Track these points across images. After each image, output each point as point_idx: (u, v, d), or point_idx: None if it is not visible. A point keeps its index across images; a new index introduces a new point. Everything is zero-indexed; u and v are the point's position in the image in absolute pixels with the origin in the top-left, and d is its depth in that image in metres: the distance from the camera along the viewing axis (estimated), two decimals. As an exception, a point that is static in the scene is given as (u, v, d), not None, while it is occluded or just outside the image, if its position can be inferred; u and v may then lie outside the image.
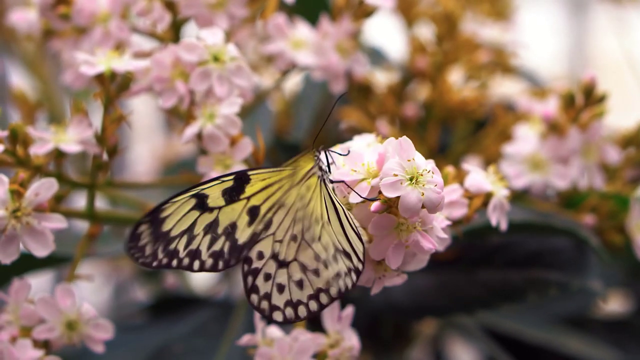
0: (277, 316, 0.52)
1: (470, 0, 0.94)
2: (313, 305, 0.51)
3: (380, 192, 0.49)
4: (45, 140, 0.59)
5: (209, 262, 0.53)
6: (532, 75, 0.97)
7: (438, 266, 0.69)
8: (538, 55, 0.98)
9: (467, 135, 0.86)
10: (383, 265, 0.51)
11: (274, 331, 0.56)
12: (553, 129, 0.69)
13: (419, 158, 0.49)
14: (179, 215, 0.53)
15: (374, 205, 0.49)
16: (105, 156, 0.61)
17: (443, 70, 0.81)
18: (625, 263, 0.84)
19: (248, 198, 0.53)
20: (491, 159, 0.79)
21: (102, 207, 0.70)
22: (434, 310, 0.70)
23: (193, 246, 0.52)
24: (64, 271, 0.90)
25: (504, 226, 0.57)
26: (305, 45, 0.68)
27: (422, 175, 0.48)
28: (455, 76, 0.84)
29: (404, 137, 0.49)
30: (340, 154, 0.53)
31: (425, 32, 0.86)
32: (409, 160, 0.48)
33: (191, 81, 0.59)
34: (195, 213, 0.53)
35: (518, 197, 0.71)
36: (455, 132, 0.86)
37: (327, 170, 0.52)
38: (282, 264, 0.51)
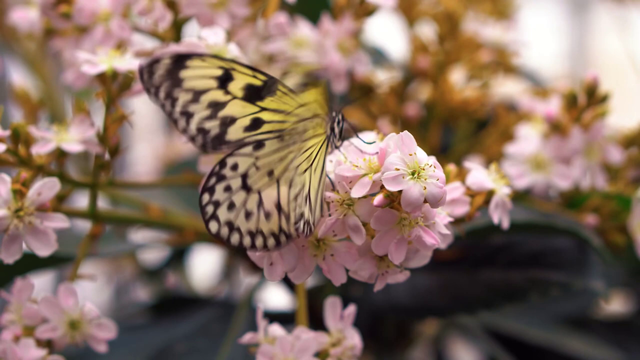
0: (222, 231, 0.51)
1: (472, 0, 0.94)
2: (247, 241, 0.51)
3: (382, 187, 0.49)
4: (47, 139, 0.59)
5: (192, 130, 0.52)
6: (534, 75, 0.97)
7: (440, 266, 0.69)
8: (540, 55, 0.99)
9: (469, 135, 0.86)
10: (386, 261, 0.51)
11: (276, 330, 0.56)
12: (555, 128, 0.69)
13: (420, 152, 0.49)
14: (199, 73, 0.52)
15: (377, 199, 0.49)
16: (107, 156, 0.61)
17: (445, 70, 0.81)
18: (627, 263, 0.84)
19: (262, 109, 0.53)
20: (493, 159, 0.79)
21: (104, 207, 0.70)
22: (436, 310, 0.70)
23: (190, 109, 0.52)
24: (65, 271, 0.91)
25: (505, 224, 0.57)
26: (307, 44, 0.68)
27: (423, 169, 0.48)
28: (456, 76, 0.84)
29: (405, 131, 0.49)
30: (364, 142, 0.53)
31: (427, 31, 0.86)
32: (410, 155, 0.48)
33: (193, 80, 0.59)
34: (213, 84, 0.52)
35: (520, 197, 0.71)
36: (457, 132, 0.86)
37: (336, 134, 0.53)
38: (246, 188, 0.51)
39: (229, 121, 0.53)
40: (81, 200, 0.72)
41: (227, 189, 0.52)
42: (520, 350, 0.81)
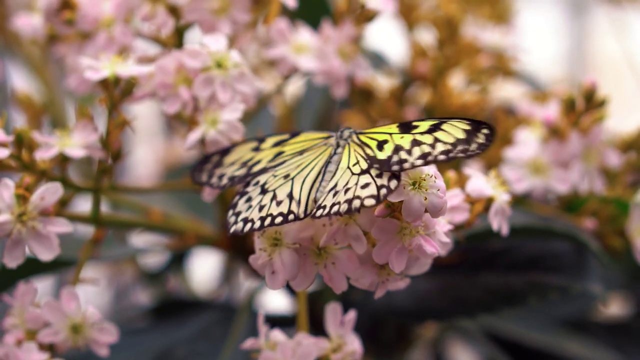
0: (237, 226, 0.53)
1: (471, 4, 0.94)
2: (257, 225, 0.52)
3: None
4: (50, 144, 0.59)
5: (223, 183, 0.57)
6: (533, 79, 0.98)
7: (440, 270, 0.69)
8: (538, 58, 0.99)
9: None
10: (386, 269, 0.52)
11: (277, 335, 0.57)
12: (554, 133, 0.69)
13: (421, 163, 0.49)
14: (239, 152, 0.57)
15: (378, 209, 0.49)
16: (109, 160, 0.62)
17: (444, 75, 0.81)
18: (625, 266, 0.84)
19: (285, 145, 0.56)
20: (492, 163, 0.79)
21: (105, 211, 0.70)
22: (435, 313, 0.71)
23: (224, 171, 0.57)
24: (66, 274, 0.91)
25: (505, 231, 0.58)
26: (307, 49, 0.69)
27: (424, 180, 0.48)
28: (456, 80, 0.85)
29: (406, 142, 0.49)
30: None
31: (426, 36, 0.86)
32: (411, 166, 0.49)
33: (194, 87, 0.59)
34: (249, 154, 0.57)
35: (519, 201, 0.72)
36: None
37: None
38: (263, 191, 0.53)
39: (256, 163, 0.56)
40: (82, 204, 0.72)
41: (248, 199, 0.53)
42: (520, 353, 0.81)
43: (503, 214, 0.58)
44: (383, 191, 0.48)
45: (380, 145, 0.51)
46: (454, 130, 0.50)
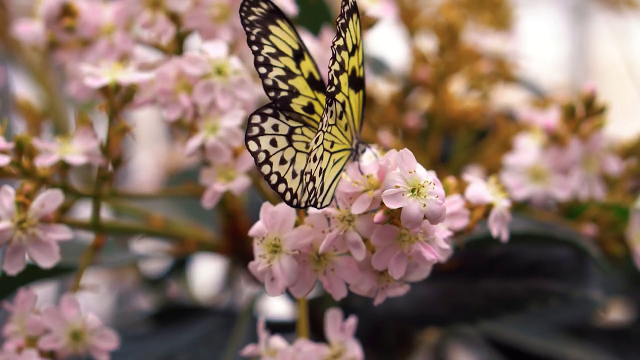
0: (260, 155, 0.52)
1: (472, 10, 0.94)
2: (273, 178, 0.52)
3: (382, 204, 0.49)
4: (50, 151, 0.60)
5: (269, 81, 0.54)
6: (534, 85, 0.98)
7: (440, 276, 0.69)
8: (539, 63, 0.99)
9: (469, 145, 0.87)
10: (386, 275, 0.52)
11: (277, 342, 0.57)
12: (554, 139, 0.70)
13: (420, 170, 0.49)
14: (283, 36, 0.54)
15: (377, 216, 0.49)
16: (109, 167, 0.62)
17: (445, 80, 0.81)
18: (625, 272, 0.84)
19: (316, 99, 0.55)
20: (492, 169, 0.79)
21: (106, 217, 0.70)
22: (436, 319, 0.71)
23: (271, 62, 0.54)
24: (67, 281, 0.91)
25: (504, 237, 0.58)
26: (308, 56, 0.69)
27: (423, 186, 0.49)
28: (456, 86, 0.85)
29: (405, 149, 0.49)
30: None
31: (427, 42, 0.86)
32: (410, 172, 0.49)
33: (194, 94, 0.60)
34: (290, 52, 0.55)
35: (519, 207, 0.72)
36: (456, 141, 0.87)
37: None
38: (289, 139, 0.53)
39: (295, 92, 0.55)
40: (83, 209, 0.72)
41: (275, 127, 0.53)
42: (520, 359, 0.81)
43: (503, 220, 0.58)
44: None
45: None
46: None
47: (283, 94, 0.54)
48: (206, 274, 1.16)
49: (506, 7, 0.94)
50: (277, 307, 0.95)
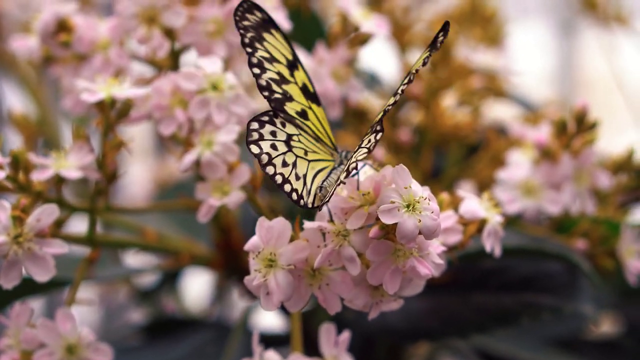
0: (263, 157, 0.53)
1: (463, 26, 0.95)
2: (279, 178, 0.53)
3: (377, 219, 0.49)
4: (46, 166, 0.60)
5: (262, 82, 0.56)
6: (524, 99, 0.98)
7: (432, 290, 0.69)
8: (528, 77, 1.00)
9: (461, 159, 0.87)
10: (380, 290, 0.52)
11: (272, 355, 0.57)
12: (545, 155, 0.70)
13: (415, 185, 0.50)
14: (277, 45, 0.57)
15: (372, 231, 0.50)
16: (104, 182, 0.62)
17: (437, 95, 0.82)
18: (616, 287, 0.85)
19: (310, 107, 0.57)
20: (484, 183, 0.80)
21: (99, 231, 0.70)
22: (428, 333, 0.71)
23: (265, 65, 0.56)
24: (57, 295, 0.91)
25: (498, 252, 0.58)
26: (302, 71, 0.69)
27: (418, 202, 0.49)
28: (448, 101, 0.86)
29: (401, 164, 0.50)
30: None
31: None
32: (405, 188, 0.49)
33: (190, 109, 0.60)
34: (284, 61, 0.57)
35: (511, 221, 0.72)
36: (448, 156, 0.87)
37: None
38: (288, 145, 0.55)
39: (289, 96, 0.56)
40: (76, 223, 0.72)
41: (273, 134, 0.54)
42: (511, 372, 0.81)
43: (496, 236, 0.58)
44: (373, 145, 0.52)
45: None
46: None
47: (277, 95, 0.56)
48: (197, 286, 1.16)
49: (497, 23, 0.95)
50: (269, 320, 0.95)
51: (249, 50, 0.56)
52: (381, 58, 0.95)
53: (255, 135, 0.53)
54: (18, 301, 0.60)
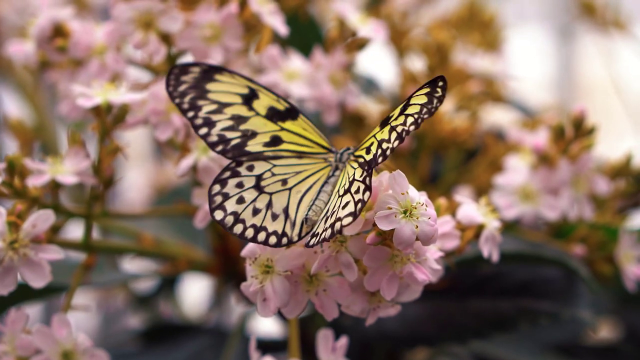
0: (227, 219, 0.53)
1: (461, 31, 0.95)
2: (249, 232, 0.52)
3: (374, 225, 0.49)
4: (42, 171, 0.60)
5: (213, 138, 0.55)
6: (522, 104, 0.98)
7: (430, 295, 0.69)
8: (526, 82, 1.00)
9: (458, 164, 0.87)
10: (377, 296, 0.52)
11: (269, 361, 0.57)
12: (543, 160, 0.70)
13: (412, 191, 0.49)
14: (225, 89, 0.55)
15: (370, 238, 0.49)
16: (101, 187, 0.62)
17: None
18: (614, 292, 0.85)
19: (282, 128, 0.56)
20: (482, 188, 0.80)
21: (96, 236, 0.70)
22: (426, 339, 0.71)
23: (213, 118, 0.55)
24: (54, 300, 0.91)
25: (495, 257, 0.58)
26: (299, 76, 0.69)
27: (415, 208, 0.49)
28: (446, 106, 0.85)
29: (398, 170, 0.50)
30: None
31: (417, 62, 0.87)
32: (402, 194, 0.49)
33: (187, 114, 0.60)
34: (238, 100, 0.56)
35: (509, 227, 0.72)
36: (446, 161, 0.87)
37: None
38: (258, 188, 0.53)
39: (250, 134, 0.55)
40: (73, 228, 0.72)
41: (240, 185, 0.54)
42: (510, 378, 0.81)
43: (494, 241, 0.58)
44: (359, 205, 0.49)
45: (368, 149, 0.52)
46: (419, 99, 0.51)
47: (235, 141, 0.55)
48: (195, 292, 1.16)
49: (495, 28, 0.95)
50: (267, 326, 0.95)
51: (191, 114, 0.55)
52: (379, 63, 0.95)
53: (219, 200, 0.53)
54: (14, 307, 0.59)
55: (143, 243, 0.73)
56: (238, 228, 0.52)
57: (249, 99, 0.56)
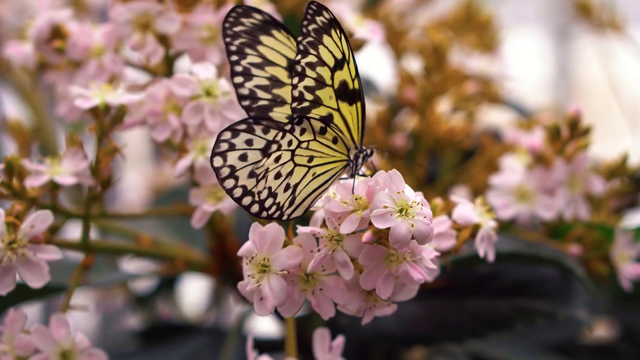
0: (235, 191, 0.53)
1: (458, 32, 0.95)
2: (237, 192, 0.53)
3: (370, 224, 0.50)
4: (40, 172, 0.60)
5: (244, 91, 0.55)
6: (518, 105, 0.99)
7: (426, 295, 0.70)
8: (523, 83, 1.00)
9: (455, 164, 0.87)
10: (373, 295, 0.52)
11: (266, 361, 0.57)
12: (539, 160, 0.70)
13: (408, 190, 0.50)
14: (277, 47, 0.55)
15: (365, 236, 0.50)
16: (99, 188, 0.62)
17: (431, 101, 0.82)
18: (610, 291, 0.85)
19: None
20: (478, 189, 0.80)
21: (94, 237, 0.70)
22: (422, 338, 0.71)
23: (253, 71, 0.55)
24: (54, 300, 0.91)
25: (491, 257, 0.58)
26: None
27: (411, 207, 0.49)
28: (443, 107, 0.86)
29: (394, 169, 0.50)
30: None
31: (414, 63, 0.87)
32: (398, 193, 0.49)
33: (184, 115, 0.60)
34: (283, 62, 0.55)
35: (505, 227, 0.72)
36: (443, 161, 0.88)
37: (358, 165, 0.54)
38: (264, 152, 0.53)
39: (279, 102, 0.55)
40: (72, 229, 0.72)
41: (249, 142, 0.53)
42: (506, 377, 0.81)
43: (489, 241, 0.58)
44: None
45: None
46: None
47: (262, 102, 0.55)
48: (193, 292, 1.16)
49: (492, 29, 0.95)
50: (265, 325, 0.95)
51: (235, 58, 0.55)
52: (376, 64, 0.95)
53: (224, 146, 0.53)
54: (12, 307, 0.59)
55: (141, 243, 0.73)
56: (229, 183, 0.53)
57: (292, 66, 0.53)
